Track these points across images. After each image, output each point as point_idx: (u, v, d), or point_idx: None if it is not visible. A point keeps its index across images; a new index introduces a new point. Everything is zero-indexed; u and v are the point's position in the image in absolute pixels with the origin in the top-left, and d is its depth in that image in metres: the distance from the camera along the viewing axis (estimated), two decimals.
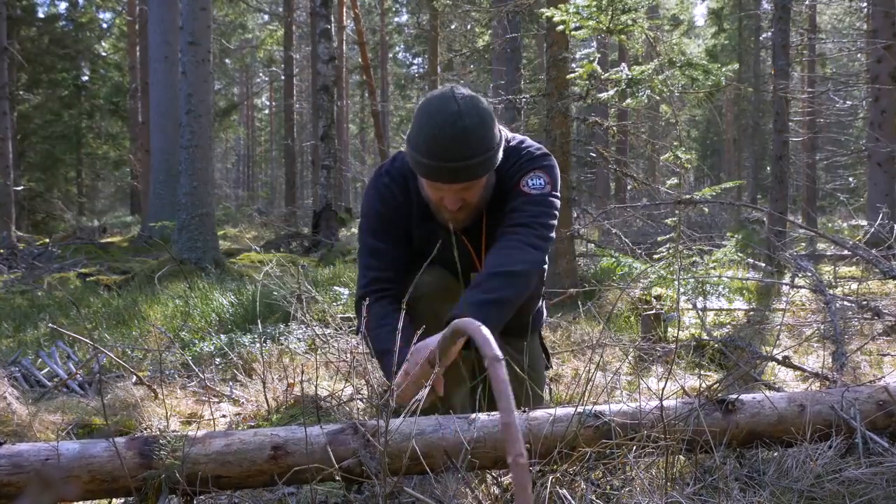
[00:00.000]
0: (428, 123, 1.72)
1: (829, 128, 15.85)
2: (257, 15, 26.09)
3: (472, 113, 1.72)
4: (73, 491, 1.47)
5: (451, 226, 1.87)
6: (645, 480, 1.56)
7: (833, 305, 2.94)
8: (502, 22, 9.32)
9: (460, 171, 1.73)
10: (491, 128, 1.76)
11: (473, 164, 1.73)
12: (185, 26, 7.75)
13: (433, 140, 1.70)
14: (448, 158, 1.71)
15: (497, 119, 1.85)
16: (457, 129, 1.69)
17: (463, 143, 1.70)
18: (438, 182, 1.76)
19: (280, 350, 3.39)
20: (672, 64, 4.87)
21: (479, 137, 1.72)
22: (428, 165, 1.73)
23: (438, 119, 1.71)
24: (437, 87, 1.84)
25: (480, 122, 1.73)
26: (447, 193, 1.79)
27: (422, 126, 1.73)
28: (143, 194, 15.05)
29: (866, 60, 10.45)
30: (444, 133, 1.69)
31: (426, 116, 1.73)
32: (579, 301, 4.21)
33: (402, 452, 1.51)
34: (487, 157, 1.75)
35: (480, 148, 1.73)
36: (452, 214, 1.83)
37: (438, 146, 1.70)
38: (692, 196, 4.52)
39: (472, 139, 1.71)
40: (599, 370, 2.62)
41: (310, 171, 23.30)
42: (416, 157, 1.75)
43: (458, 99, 1.73)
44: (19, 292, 6.70)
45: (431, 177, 1.76)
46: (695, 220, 9.82)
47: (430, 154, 1.72)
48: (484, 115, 1.74)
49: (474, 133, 1.71)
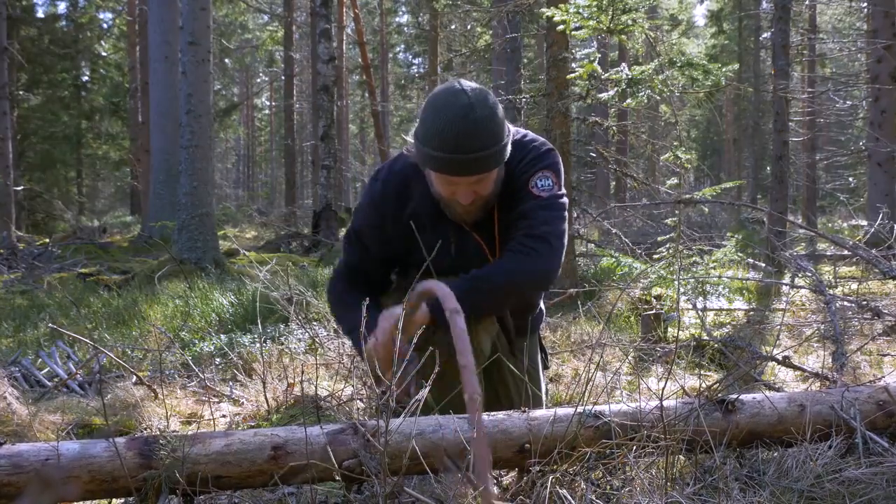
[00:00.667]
0: (439, 117, 1.71)
1: (829, 128, 15.86)
2: (257, 15, 26.09)
3: (483, 104, 1.71)
4: (73, 491, 1.47)
5: (462, 221, 1.87)
6: (645, 480, 1.56)
7: (833, 305, 2.94)
8: (502, 22, 9.32)
9: (474, 162, 1.72)
10: (501, 119, 1.76)
11: (486, 156, 1.72)
12: (185, 26, 7.75)
13: (445, 133, 1.69)
14: (461, 150, 1.69)
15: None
16: (468, 121, 1.68)
17: (475, 135, 1.69)
18: (452, 175, 1.75)
19: (280, 350, 3.39)
20: (672, 64, 4.88)
21: (492, 129, 1.72)
22: (441, 159, 1.72)
23: (449, 112, 1.70)
24: (439, 85, 1.84)
25: (491, 113, 1.72)
26: (460, 187, 1.77)
27: (432, 120, 1.72)
28: (143, 194, 15.05)
29: (866, 60, 10.45)
30: (456, 125, 1.68)
31: (435, 110, 1.72)
32: (579, 301, 4.21)
33: (402, 452, 1.51)
34: (500, 149, 1.75)
35: (493, 139, 1.72)
36: (465, 209, 1.82)
37: (451, 139, 1.69)
38: (692, 196, 4.52)
39: (485, 130, 1.70)
40: (599, 370, 2.62)
41: (310, 171, 23.30)
42: (428, 152, 1.74)
43: (468, 91, 1.72)
44: (19, 292, 6.70)
45: (445, 170, 1.75)
46: (695, 220, 9.82)
47: (442, 147, 1.70)
48: (494, 107, 1.74)
49: (486, 124, 1.71)
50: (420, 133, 1.76)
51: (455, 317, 1.39)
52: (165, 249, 7.93)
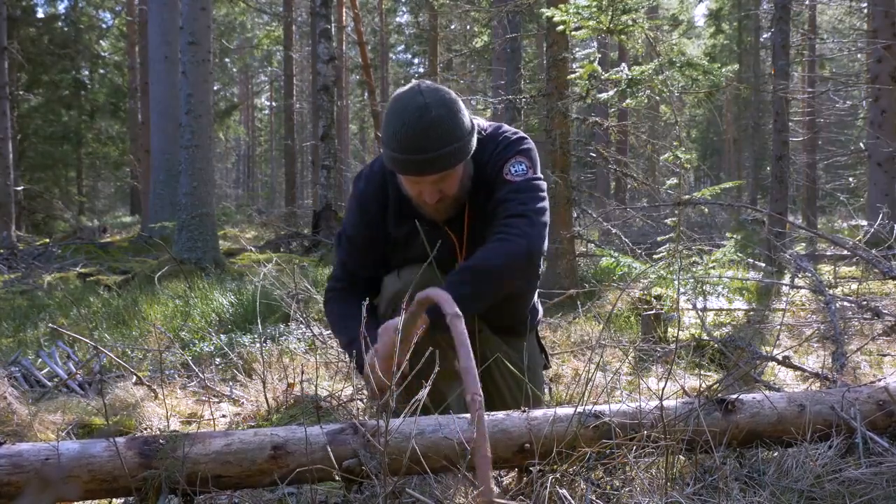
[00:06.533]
0: (396, 119, 1.75)
1: (829, 128, 15.86)
2: (257, 15, 26.08)
3: (438, 104, 1.75)
4: (73, 491, 1.47)
5: (434, 219, 1.90)
6: (645, 480, 1.56)
7: (833, 305, 2.94)
8: (502, 22, 9.31)
9: (431, 162, 1.75)
10: (458, 117, 1.78)
11: (444, 154, 1.75)
12: (185, 26, 7.74)
13: (403, 134, 1.73)
14: (418, 150, 1.73)
15: (499, 117, 1.87)
16: (424, 121, 1.72)
17: (431, 135, 1.73)
18: (412, 175, 1.80)
19: (280, 350, 3.39)
20: (672, 64, 4.88)
21: (448, 127, 1.75)
22: (400, 160, 1.77)
23: (406, 114, 1.74)
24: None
25: (447, 112, 1.75)
26: (424, 186, 1.81)
27: (391, 122, 1.77)
28: (143, 194, 15.04)
29: (866, 60, 10.45)
30: (412, 126, 1.72)
31: (394, 113, 1.77)
32: (579, 301, 4.21)
33: (402, 452, 1.51)
34: (458, 147, 1.77)
35: (450, 138, 1.75)
36: (433, 207, 1.86)
37: (408, 140, 1.73)
38: (692, 196, 4.52)
39: (441, 130, 1.74)
40: (599, 370, 2.62)
41: (310, 171, 23.28)
42: (389, 154, 1.78)
43: (424, 92, 1.76)
44: (19, 292, 6.70)
45: (405, 171, 1.79)
46: (695, 220, 9.82)
47: (401, 148, 1.75)
48: (450, 105, 1.77)
49: (442, 123, 1.74)
50: (383, 135, 1.81)
51: (455, 321, 1.39)
52: (165, 249, 7.92)
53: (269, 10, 24.44)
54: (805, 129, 12.41)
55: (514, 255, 1.79)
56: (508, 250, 1.78)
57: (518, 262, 1.81)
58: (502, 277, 1.82)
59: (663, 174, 13.93)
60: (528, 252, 1.80)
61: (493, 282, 1.81)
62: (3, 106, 12.50)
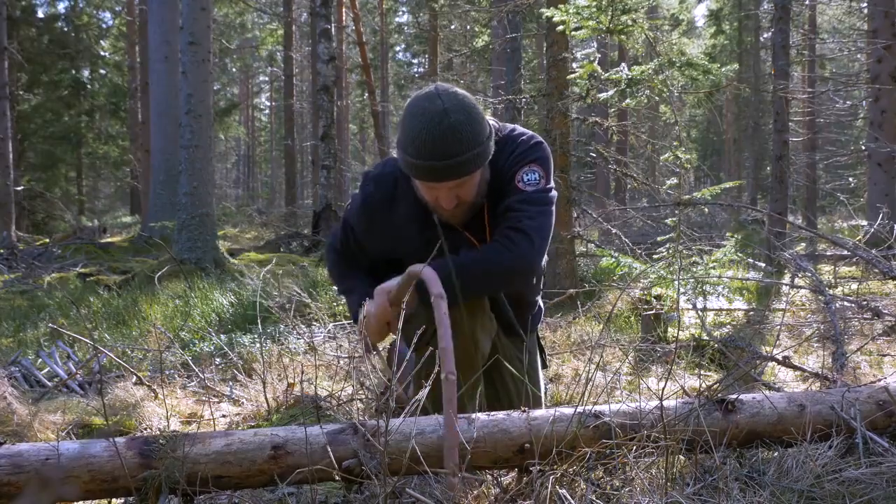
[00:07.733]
0: (415, 124, 1.72)
1: (829, 128, 15.86)
2: (257, 15, 26.08)
3: (458, 109, 1.72)
4: (73, 491, 1.47)
5: (452, 222, 1.88)
6: (645, 480, 1.56)
7: (833, 305, 2.94)
8: (502, 22, 9.31)
9: (451, 168, 1.72)
10: (479, 122, 1.76)
11: (464, 161, 1.73)
12: (185, 26, 7.75)
13: (421, 140, 1.70)
14: (438, 157, 1.70)
15: (499, 117, 1.87)
16: (444, 126, 1.69)
17: (451, 141, 1.70)
18: (431, 182, 1.76)
19: (280, 350, 3.39)
20: (672, 64, 4.87)
21: (468, 133, 1.72)
22: (418, 166, 1.74)
23: (425, 119, 1.71)
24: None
25: (467, 117, 1.73)
26: (441, 192, 1.79)
27: (409, 127, 1.74)
28: (143, 194, 15.05)
29: (866, 60, 10.45)
30: (431, 132, 1.69)
31: (412, 118, 1.74)
32: (579, 301, 4.21)
33: (402, 452, 1.51)
34: (478, 153, 1.75)
35: (469, 144, 1.72)
36: (450, 212, 1.83)
37: (427, 145, 1.70)
38: (692, 196, 4.52)
39: (461, 135, 1.71)
40: (599, 370, 2.62)
41: (310, 171, 23.29)
42: (407, 159, 1.76)
43: (443, 96, 1.73)
44: (19, 292, 6.70)
45: (423, 177, 1.76)
46: (695, 220, 9.81)
47: (419, 154, 1.72)
48: (470, 111, 1.74)
49: (462, 129, 1.71)
50: (400, 140, 1.78)
51: (439, 301, 1.46)
52: (165, 249, 7.93)
53: (270, 10, 24.45)
54: (805, 129, 12.41)
55: (506, 266, 1.79)
56: (503, 260, 1.78)
57: (508, 274, 1.82)
58: (491, 285, 1.87)
59: (663, 174, 13.94)
60: (522, 267, 1.81)
61: (483, 285, 1.83)
62: (3, 106, 12.49)
